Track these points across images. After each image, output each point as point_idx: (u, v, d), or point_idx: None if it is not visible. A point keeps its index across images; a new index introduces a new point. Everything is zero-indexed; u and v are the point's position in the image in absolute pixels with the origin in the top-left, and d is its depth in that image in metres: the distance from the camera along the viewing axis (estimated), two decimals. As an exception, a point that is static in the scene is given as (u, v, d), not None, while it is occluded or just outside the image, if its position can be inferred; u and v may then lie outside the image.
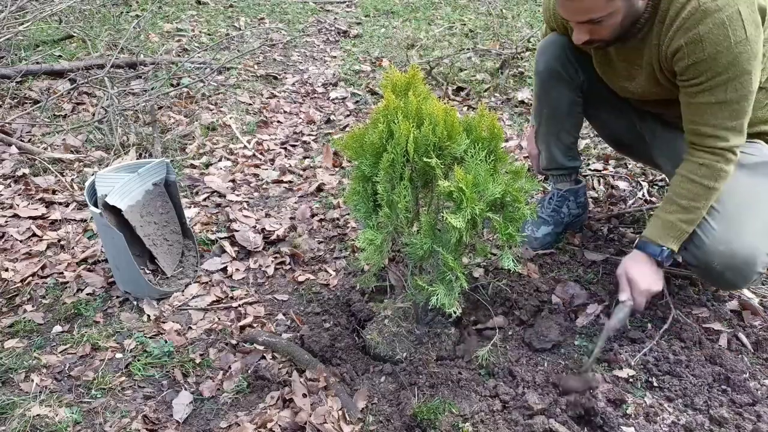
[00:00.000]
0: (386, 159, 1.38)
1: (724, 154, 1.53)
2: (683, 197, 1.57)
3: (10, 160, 2.67)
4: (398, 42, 4.56)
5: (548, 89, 1.94)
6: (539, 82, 1.96)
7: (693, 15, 1.41)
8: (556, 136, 2.03)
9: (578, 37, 1.54)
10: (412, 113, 1.41)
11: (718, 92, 1.46)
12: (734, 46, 1.40)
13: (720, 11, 1.38)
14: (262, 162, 2.85)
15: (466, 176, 1.33)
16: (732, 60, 1.41)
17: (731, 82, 1.44)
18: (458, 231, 1.35)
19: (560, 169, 2.09)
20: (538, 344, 1.68)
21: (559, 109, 1.97)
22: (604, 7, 1.43)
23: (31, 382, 1.60)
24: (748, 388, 1.53)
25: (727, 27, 1.38)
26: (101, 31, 4.35)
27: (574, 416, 1.46)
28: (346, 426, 1.44)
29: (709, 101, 1.49)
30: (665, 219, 1.60)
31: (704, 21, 1.40)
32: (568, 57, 1.88)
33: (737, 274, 1.56)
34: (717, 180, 1.54)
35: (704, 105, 1.50)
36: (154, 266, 2.00)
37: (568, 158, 2.06)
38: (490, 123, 1.44)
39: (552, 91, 1.93)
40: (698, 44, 1.42)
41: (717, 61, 1.42)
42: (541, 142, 2.08)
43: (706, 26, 1.40)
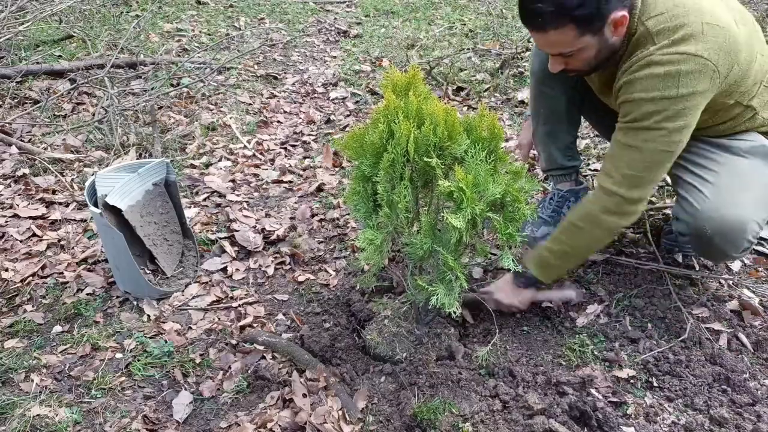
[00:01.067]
0: (386, 159, 1.38)
1: (601, 196, 1.56)
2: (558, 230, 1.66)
3: (10, 160, 2.67)
4: (398, 42, 4.56)
5: (545, 89, 1.94)
6: (535, 82, 1.96)
7: (639, 61, 1.46)
8: (555, 136, 2.02)
9: (553, 66, 1.57)
10: (413, 113, 1.41)
11: (632, 135, 1.50)
12: (659, 100, 1.43)
13: (661, 65, 1.41)
14: (262, 162, 2.85)
15: (467, 176, 1.33)
16: (652, 111, 1.45)
17: (646, 131, 1.47)
18: (458, 231, 1.35)
19: (560, 169, 2.09)
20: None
21: (557, 108, 1.96)
22: (572, 43, 1.45)
23: (31, 382, 1.60)
24: (748, 388, 1.53)
25: (661, 81, 1.42)
26: (101, 31, 4.35)
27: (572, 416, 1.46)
28: (346, 426, 1.44)
29: (621, 140, 1.53)
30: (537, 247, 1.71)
31: (645, 68, 1.44)
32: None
33: (728, 240, 1.56)
34: (587, 222, 1.59)
35: (617, 142, 1.54)
36: (154, 266, 2.00)
37: (567, 158, 2.06)
38: (490, 123, 1.44)
39: (549, 91, 1.93)
40: (631, 85, 1.47)
41: (640, 106, 1.46)
42: (540, 143, 2.07)
43: (643, 73, 1.44)
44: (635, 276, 1.94)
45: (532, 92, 2.00)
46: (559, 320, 1.80)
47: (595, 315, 1.81)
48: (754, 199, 1.57)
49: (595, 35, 1.43)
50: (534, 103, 2.01)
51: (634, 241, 2.11)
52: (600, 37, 1.45)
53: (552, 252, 1.65)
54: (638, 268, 1.96)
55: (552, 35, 1.43)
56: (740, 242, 1.57)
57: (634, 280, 1.93)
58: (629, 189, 1.52)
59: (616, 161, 1.54)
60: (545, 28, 1.42)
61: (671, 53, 1.41)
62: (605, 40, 1.46)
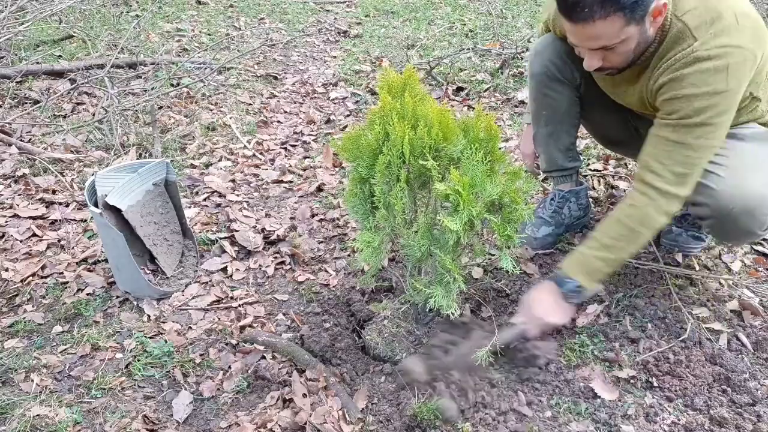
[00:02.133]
0: (382, 161, 1.38)
1: (655, 197, 1.52)
2: (605, 235, 1.57)
3: (10, 160, 2.67)
4: (398, 42, 4.56)
5: (545, 91, 1.92)
6: (535, 85, 1.93)
7: (684, 58, 1.44)
8: (555, 138, 2.02)
9: (590, 63, 1.52)
10: (409, 114, 1.41)
11: (682, 133, 1.48)
12: (711, 96, 1.42)
13: (710, 60, 1.41)
14: (262, 162, 2.85)
15: (463, 178, 1.32)
16: (705, 107, 1.44)
17: (697, 128, 1.46)
18: (455, 233, 1.35)
19: (561, 170, 2.09)
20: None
21: (558, 110, 1.95)
22: (617, 35, 1.41)
23: (31, 382, 1.60)
24: (748, 388, 1.53)
25: (711, 75, 1.41)
26: (101, 31, 4.35)
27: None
28: (346, 426, 1.44)
29: (670, 138, 1.50)
30: (582, 253, 1.60)
31: (692, 65, 1.43)
32: (564, 59, 1.86)
33: (753, 217, 1.55)
34: (642, 225, 1.54)
35: (664, 141, 1.51)
36: (154, 266, 2.00)
37: (568, 159, 2.06)
38: (486, 124, 1.43)
39: (549, 93, 1.92)
40: (679, 82, 1.45)
41: (691, 102, 1.44)
42: (540, 145, 2.07)
43: (691, 69, 1.43)
44: (635, 276, 1.94)
45: (532, 94, 1.98)
46: (559, 320, 1.80)
47: (595, 315, 1.81)
48: (765, 174, 1.57)
49: (638, 25, 1.41)
50: (534, 105, 2.00)
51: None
52: (641, 28, 1.42)
53: (606, 261, 1.56)
54: (638, 268, 1.96)
55: (598, 26, 1.39)
56: (763, 218, 1.56)
57: (634, 280, 1.93)
58: (681, 187, 1.51)
59: (664, 159, 1.51)
60: (593, 18, 1.37)
61: (716, 47, 1.40)
62: (644, 31, 1.44)
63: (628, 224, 1.54)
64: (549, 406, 1.52)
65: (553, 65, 1.87)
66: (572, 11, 1.39)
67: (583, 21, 1.39)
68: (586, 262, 1.58)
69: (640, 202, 1.54)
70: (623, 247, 1.56)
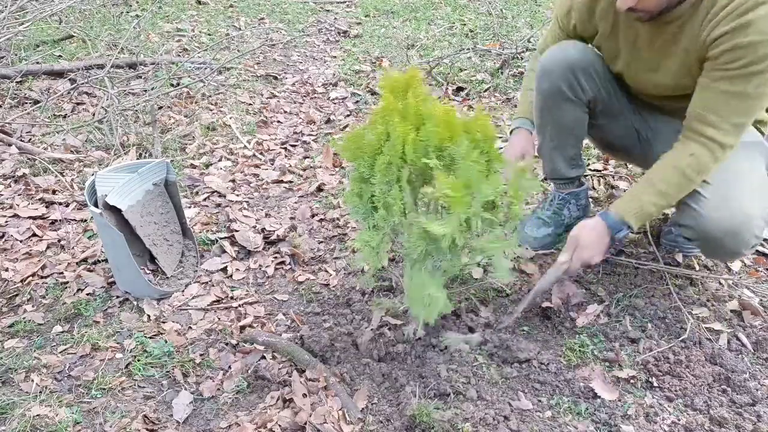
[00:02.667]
0: (381, 161, 1.38)
1: (714, 149, 1.53)
2: (662, 181, 1.58)
3: (10, 160, 2.67)
4: (398, 42, 4.56)
5: (553, 109, 1.88)
6: (543, 101, 1.88)
7: (746, 3, 1.39)
8: (561, 150, 1.99)
9: (624, 1, 1.47)
10: (411, 115, 1.40)
11: (741, 83, 1.45)
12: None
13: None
14: (262, 162, 2.85)
15: (457, 180, 1.32)
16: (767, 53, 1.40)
17: (758, 75, 1.42)
18: (449, 236, 1.35)
19: (564, 179, 2.08)
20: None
21: (565, 126, 1.91)
22: None
23: (31, 382, 1.60)
24: (748, 388, 1.53)
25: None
26: (101, 31, 4.35)
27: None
28: (346, 426, 1.44)
29: (728, 90, 1.47)
30: (637, 197, 1.62)
31: (756, 9, 1.37)
32: (576, 77, 1.80)
33: (736, 238, 1.56)
34: (699, 173, 1.55)
35: (721, 92, 1.48)
36: (154, 266, 2.01)
37: (571, 168, 2.04)
38: (482, 124, 1.43)
39: (557, 111, 1.87)
40: (744, 29, 1.39)
41: (756, 49, 1.40)
42: (545, 156, 2.04)
43: (757, 13, 1.37)
44: (635, 276, 1.94)
45: (538, 109, 1.92)
46: (559, 320, 1.80)
47: (595, 315, 1.81)
48: (751, 192, 1.58)
49: None
50: (540, 120, 1.94)
51: (634, 241, 2.11)
52: None
53: (658, 207, 1.61)
54: (638, 268, 1.96)
55: None
56: (749, 239, 1.57)
57: (634, 280, 1.93)
58: (737, 136, 1.51)
59: (722, 111, 1.49)
60: None
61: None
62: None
63: (688, 173, 1.55)
64: (549, 406, 1.52)
65: (565, 84, 1.81)
66: None
67: None
68: (643, 208, 1.60)
69: (700, 153, 1.53)
70: (676, 195, 1.59)
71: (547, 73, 1.83)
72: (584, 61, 1.79)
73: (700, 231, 1.60)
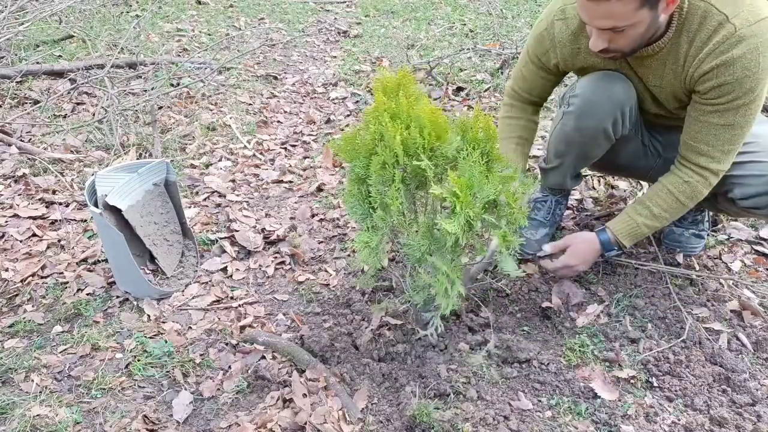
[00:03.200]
0: (376, 161, 1.38)
1: (707, 176, 1.62)
2: (658, 205, 1.69)
3: (10, 160, 2.67)
4: (398, 42, 4.56)
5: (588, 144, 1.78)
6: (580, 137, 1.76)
7: (728, 39, 1.43)
8: (571, 171, 1.95)
9: (596, 43, 1.50)
10: (403, 115, 1.40)
11: (729, 115, 1.52)
12: (760, 73, 1.44)
13: (755, 37, 1.41)
14: (262, 162, 2.85)
15: (460, 180, 1.32)
16: (753, 86, 1.46)
17: (745, 107, 1.50)
18: (453, 235, 1.35)
19: (562, 189, 2.08)
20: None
21: (591, 158, 1.85)
22: (630, 16, 1.40)
23: (31, 382, 1.60)
24: (748, 388, 1.53)
25: (759, 53, 1.42)
26: (101, 31, 4.35)
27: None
28: (346, 426, 1.44)
29: (718, 122, 1.55)
30: (634, 220, 1.72)
31: (739, 45, 1.43)
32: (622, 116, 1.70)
33: None
34: (692, 199, 1.66)
35: (712, 125, 1.56)
36: (154, 266, 2.01)
37: (572, 180, 2.03)
38: (484, 124, 1.43)
39: (593, 146, 1.79)
40: (729, 67, 1.45)
41: (742, 84, 1.46)
42: (551, 170, 1.98)
43: (740, 50, 1.43)
44: (635, 276, 1.94)
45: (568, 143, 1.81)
46: (559, 320, 1.80)
47: (595, 315, 1.81)
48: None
49: (651, 10, 1.40)
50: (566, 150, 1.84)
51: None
52: (653, 14, 1.41)
53: (651, 228, 1.72)
54: (638, 268, 1.96)
55: (613, 5, 1.37)
56: None
57: (634, 280, 1.93)
58: (728, 162, 1.61)
59: (713, 142, 1.57)
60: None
61: (756, 22, 1.41)
62: (656, 16, 1.43)
63: (681, 199, 1.66)
64: (549, 406, 1.52)
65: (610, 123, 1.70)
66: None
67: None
68: (637, 230, 1.72)
69: (694, 181, 1.63)
70: (669, 217, 1.70)
71: (593, 108, 1.69)
72: (630, 99, 1.71)
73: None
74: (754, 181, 1.64)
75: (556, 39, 1.70)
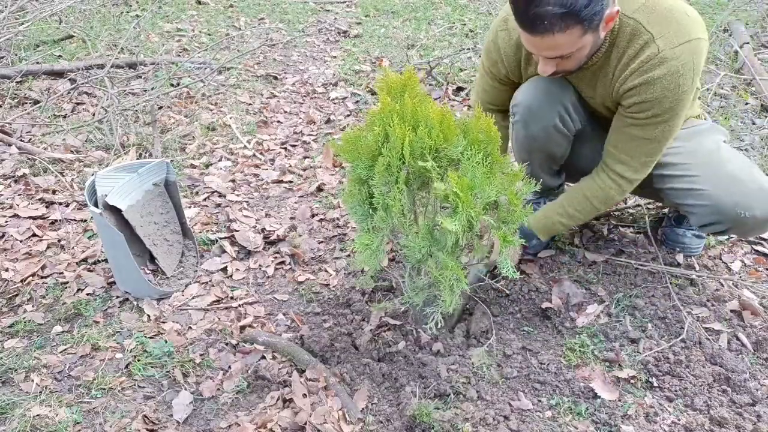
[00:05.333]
0: (381, 163, 1.38)
1: (622, 184, 1.70)
2: (572, 206, 1.80)
3: (10, 160, 2.67)
4: (398, 42, 4.56)
5: (543, 147, 1.82)
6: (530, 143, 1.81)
7: (651, 60, 1.49)
8: (547, 168, 1.95)
9: (545, 69, 1.54)
10: (408, 116, 1.40)
11: (649, 130, 1.60)
12: (680, 94, 1.50)
13: (676, 60, 1.47)
14: (262, 162, 2.85)
15: (461, 180, 1.32)
16: (673, 106, 1.52)
17: (664, 124, 1.58)
18: (454, 234, 1.35)
19: (551, 189, 2.07)
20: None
21: (553, 156, 1.87)
22: (575, 44, 1.44)
23: (31, 382, 1.60)
24: (748, 388, 1.53)
25: (680, 75, 1.48)
26: (101, 31, 4.35)
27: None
28: (346, 426, 1.44)
29: (638, 135, 1.62)
30: (549, 216, 1.85)
31: (660, 67, 1.48)
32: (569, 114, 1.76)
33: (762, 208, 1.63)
34: (605, 204, 1.77)
35: (632, 137, 1.63)
36: (154, 266, 2.01)
37: (554, 179, 2.02)
38: (486, 125, 1.43)
39: (547, 147, 1.82)
40: (651, 86, 1.51)
41: (661, 103, 1.52)
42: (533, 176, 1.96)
43: (662, 71, 1.49)
44: (635, 276, 1.94)
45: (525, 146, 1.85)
46: (559, 320, 1.80)
47: (595, 315, 1.81)
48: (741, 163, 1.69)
49: (594, 33, 1.43)
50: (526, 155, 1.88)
51: (634, 241, 2.11)
52: (596, 35, 1.45)
53: (564, 225, 1.84)
54: (638, 268, 1.96)
55: (558, 38, 1.39)
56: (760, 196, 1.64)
57: (634, 280, 1.93)
58: (643, 173, 1.70)
59: (632, 152, 1.65)
60: (552, 31, 1.37)
61: (680, 44, 1.46)
62: (597, 37, 1.47)
63: (593, 203, 1.77)
64: (549, 406, 1.52)
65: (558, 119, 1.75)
66: (532, 24, 1.39)
67: (543, 33, 1.39)
68: (551, 226, 1.86)
69: (608, 186, 1.73)
70: (583, 218, 1.84)
71: (536, 117, 1.75)
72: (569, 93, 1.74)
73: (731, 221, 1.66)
74: (701, 210, 1.70)
75: (502, 50, 1.75)
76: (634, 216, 2.29)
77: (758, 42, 3.94)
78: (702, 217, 1.71)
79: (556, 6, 1.33)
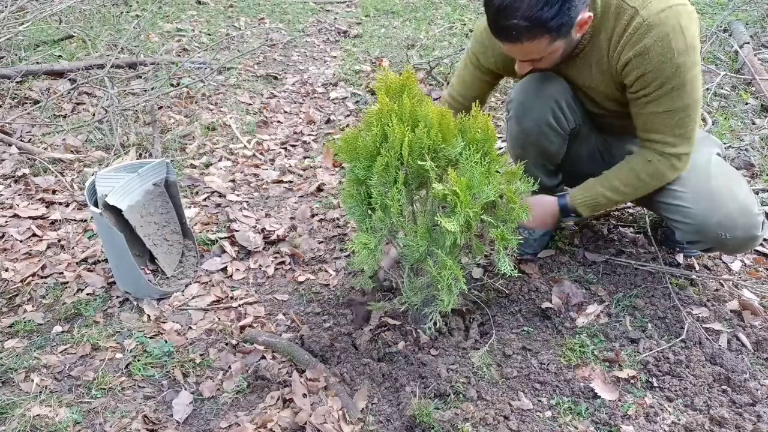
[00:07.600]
0: (380, 163, 1.38)
1: (670, 158, 1.64)
2: (617, 179, 1.71)
3: (10, 160, 2.67)
4: (398, 42, 4.56)
5: (536, 143, 1.83)
6: (524, 138, 1.83)
7: (638, 30, 1.49)
8: (542, 167, 1.95)
9: (521, 68, 1.59)
10: (407, 116, 1.40)
11: (665, 102, 1.55)
12: (677, 57, 1.48)
13: (662, 25, 1.46)
14: (262, 162, 2.85)
15: (460, 179, 1.32)
16: (675, 70, 1.50)
17: (675, 91, 1.53)
18: (453, 234, 1.35)
19: (550, 188, 2.07)
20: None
21: (547, 153, 1.87)
22: (545, 50, 1.49)
23: (31, 382, 1.60)
24: (748, 388, 1.53)
25: (670, 39, 1.47)
26: (101, 31, 4.35)
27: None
28: (346, 426, 1.44)
29: (657, 111, 1.58)
30: (592, 189, 1.75)
31: (649, 34, 1.48)
32: (562, 111, 1.77)
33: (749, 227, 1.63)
34: (653, 177, 1.67)
35: (653, 115, 1.59)
36: (154, 266, 2.01)
37: (551, 179, 2.01)
38: (483, 124, 1.43)
39: (541, 143, 1.83)
40: (645, 56, 1.50)
41: (662, 71, 1.50)
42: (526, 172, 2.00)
43: (651, 39, 1.48)
44: (635, 276, 1.94)
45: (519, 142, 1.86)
46: (559, 320, 1.80)
47: (595, 315, 1.81)
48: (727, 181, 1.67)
49: (565, 38, 1.48)
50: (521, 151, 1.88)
51: (633, 241, 2.11)
52: (568, 39, 1.50)
53: (611, 201, 1.74)
54: (638, 268, 1.96)
55: (527, 46, 1.46)
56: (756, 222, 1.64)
57: (634, 280, 1.93)
58: (687, 143, 1.62)
59: (661, 129, 1.60)
60: (520, 40, 1.44)
61: (662, 10, 1.47)
62: (571, 39, 1.52)
63: (642, 177, 1.67)
64: (549, 406, 1.52)
65: (551, 116, 1.77)
66: (501, 34, 1.47)
67: (512, 41, 1.46)
68: (595, 199, 1.74)
69: (657, 160, 1.65)
70: (630, 193, 1.72)
71: (528, 111, 1.78)
72: (564, 91, 1.76)
73: (711, 239, 1.67)
74: (685, 227, 1.71)
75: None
76: (634, 216, 2.29)
77: (758, 42, 3.94)
78: (686, 234, 1.73)
79: (522, 20, 1.39)
